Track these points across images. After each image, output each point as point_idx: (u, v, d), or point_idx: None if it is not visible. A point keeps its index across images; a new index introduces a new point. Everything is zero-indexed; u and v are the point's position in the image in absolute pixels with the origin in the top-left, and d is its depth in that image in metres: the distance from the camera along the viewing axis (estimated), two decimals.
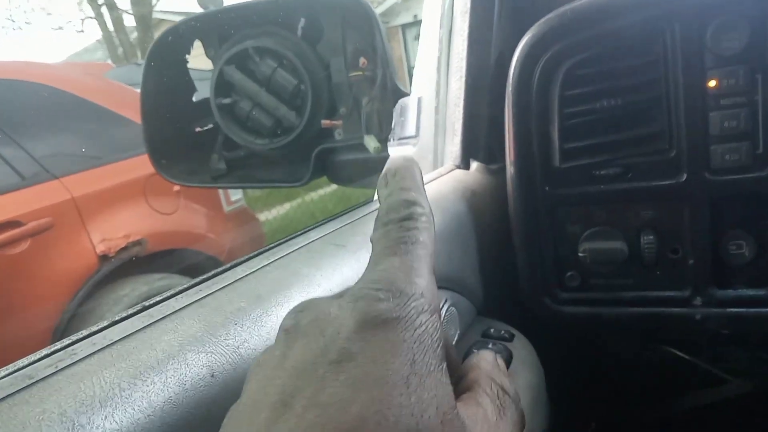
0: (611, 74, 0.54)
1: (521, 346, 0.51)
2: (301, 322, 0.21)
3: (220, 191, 2.53)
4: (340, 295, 0.23)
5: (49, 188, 2.05)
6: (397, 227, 0.23)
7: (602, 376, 0.60)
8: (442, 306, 0.50)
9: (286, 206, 4.38)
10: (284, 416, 0.18)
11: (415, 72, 0.69)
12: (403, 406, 0.17)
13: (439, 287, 0.49)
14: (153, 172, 0.93)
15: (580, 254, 0.56)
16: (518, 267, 0.58)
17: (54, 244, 1.98)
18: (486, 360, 0.25)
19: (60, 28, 11.65)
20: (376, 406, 0.17)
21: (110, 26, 9.60)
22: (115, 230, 2.13)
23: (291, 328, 0.22)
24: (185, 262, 2.22)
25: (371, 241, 0.23)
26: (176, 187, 2.35)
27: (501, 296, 0.57)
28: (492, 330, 0.52)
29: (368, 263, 0.22)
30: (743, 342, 0.59)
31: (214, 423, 0.29)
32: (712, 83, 0.52)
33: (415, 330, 0.19)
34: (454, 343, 0.51)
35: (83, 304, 1.97)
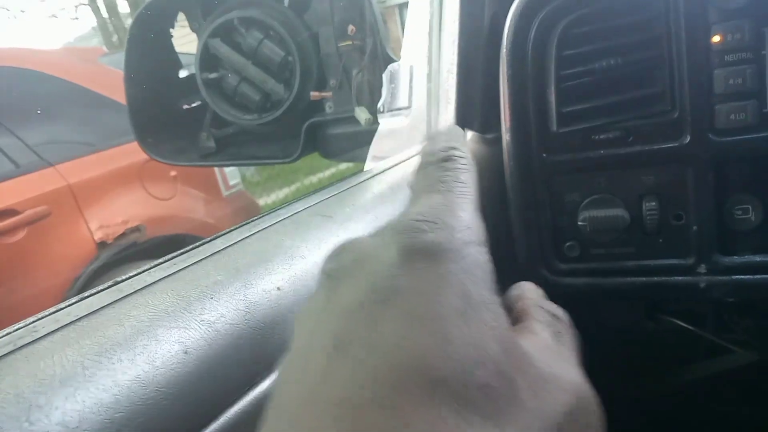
0: (610, 32, 0.52)
1: None
2: (343, 263, 0.20)
3: (218, 175, 2.51)
4: (380, 232, 0.22)
5: (44, 176, 2.03)
6: (436, 167, 0.22)
7: (603, 349, 0.58)
8: None
9: (285, 191, 4.36)
10: (341, 361, 0.17)
11: (404, 38, 0.66)
12: (464, 340, 0.17)
13: None
14: (149, 157, 0.91)
15: (579, 223, 0.54)
16: (514, 238, 0.56)
17: (51, 232, 1.97)
18: (530, 290, 0.24)
19: (54, 15, 11.53)
20: (436, 342, 0.16)
21: (104, 12, 9.49)
22: (113, 217, 2.11)
23: (333, 271, 0.20)
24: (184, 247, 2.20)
25: (409, 187, 0.22)
26: (173, 172, 2.34)
27: (497, 269, 0.55)
28: None
29: (407, 203, 0.21)
30: (749, 311, 0.57)
31: (187, 402, 0.27)
32: (717, 39, 0.49)
33: (464, 261, 0.18)
34: None
35: (83, 292, 1.96)
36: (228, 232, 0.39)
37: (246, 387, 0.30)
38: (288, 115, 0.80)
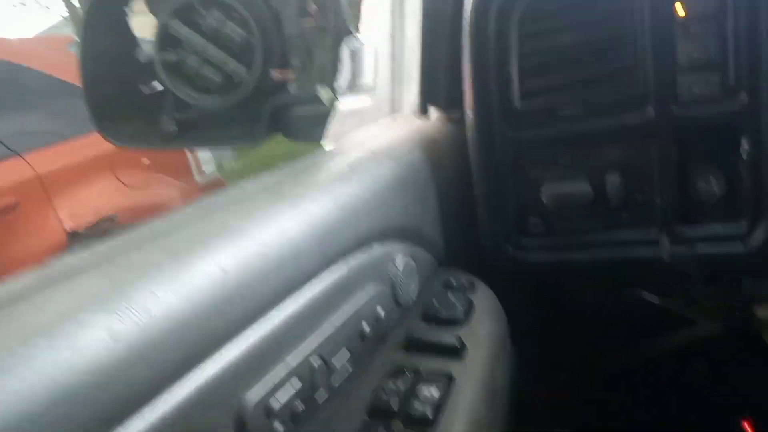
0: (573, 7, 0.50)
1: (483, 296, 0.48)
2: None
3: (192, 163, 2.47)
4: None
5: (12, 167, 1.97)
6: None
7: (570, 323, 0.58)
8: (400, 260, 0.47)
9: None
10: None
11: (365, 16, 0.64)
12: None
13: (395, 240, 0.45)
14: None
15: (543, 199, 0.53)
16: (479, 215, 0.55)
17: (20, 224, 1.91)
18: None
19: (23, 4, 11.17)
20: None
21: (76, 1, 9.23)
22: (84, 206, 2.06)
23: None
24: None
25: None
26: (146, 161, 2.29)
27: (462, 246, 0.54)
28: (453, 280, 0.49)
29: None
30: (714, 281, 0.57)
31: (115, 390, 0.26)
32: (681, 10, 0.48)
33: None
34: (414, 297, 0.49)
35: None
36: (170, 214, 0.37)
37: (182, 370, 0.28)
38: (251, 97, 0.78)
